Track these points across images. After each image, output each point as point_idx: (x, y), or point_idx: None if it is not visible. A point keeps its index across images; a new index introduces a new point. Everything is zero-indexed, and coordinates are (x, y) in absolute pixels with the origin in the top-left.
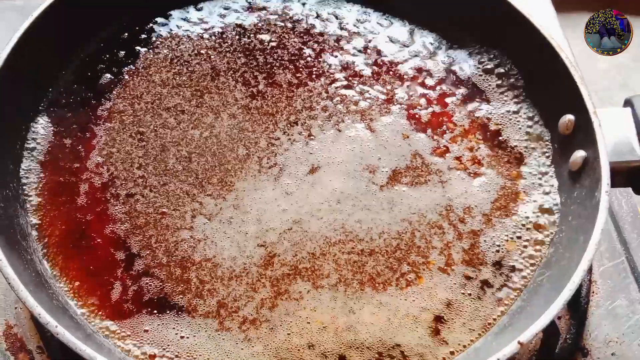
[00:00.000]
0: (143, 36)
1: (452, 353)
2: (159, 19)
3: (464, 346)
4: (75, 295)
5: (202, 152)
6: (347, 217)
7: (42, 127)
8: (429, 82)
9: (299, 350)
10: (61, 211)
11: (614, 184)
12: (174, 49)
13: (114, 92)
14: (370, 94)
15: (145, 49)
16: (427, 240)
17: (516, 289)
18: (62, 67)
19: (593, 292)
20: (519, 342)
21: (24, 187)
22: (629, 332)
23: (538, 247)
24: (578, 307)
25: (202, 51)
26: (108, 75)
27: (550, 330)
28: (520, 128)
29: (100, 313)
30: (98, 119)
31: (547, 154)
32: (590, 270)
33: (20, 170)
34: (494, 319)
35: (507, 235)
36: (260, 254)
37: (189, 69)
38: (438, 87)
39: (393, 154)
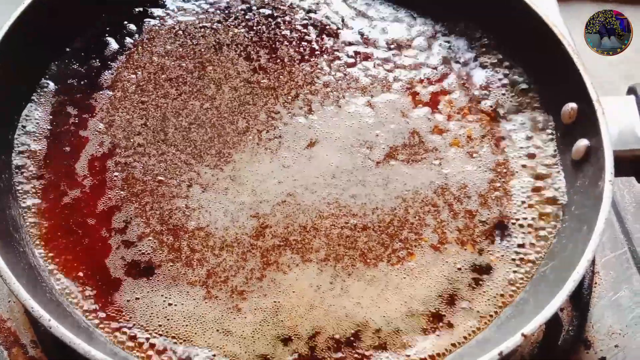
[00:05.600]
0: (152, 10)
1: (454, 345)
2: None
3: (465, 337)
4: (66, 277)
5: (202, 124)
6: (342, 191)
7: (35, 111)
8: (431, 62)
9: (285, 322)
10: (55, 196)
11: (618, 173)
12: (180, 21)
13: (118, 61)
14: (371, 72)
15: (152, 21)
16: (420, 218)
17: (520, 280)
18: (66, 42)
19: (595, 284)
20: (522, 334)
21: (16, 176)
22: (632, 324)
23: (540, 237)
24: (580, 298)
25: (206, 24)
26: (114, 46)
27: (553, 322)
28: (521, 114)
29: (92, 294)
30: (101, 87)
31: (549, 143)
32: (592, 262)
33: (12, 160)
34: (495, 311)
35: (504, 218)
36: (253, 224)
37: (193, 41)
38: (439, 68)
39: (391, 131)
